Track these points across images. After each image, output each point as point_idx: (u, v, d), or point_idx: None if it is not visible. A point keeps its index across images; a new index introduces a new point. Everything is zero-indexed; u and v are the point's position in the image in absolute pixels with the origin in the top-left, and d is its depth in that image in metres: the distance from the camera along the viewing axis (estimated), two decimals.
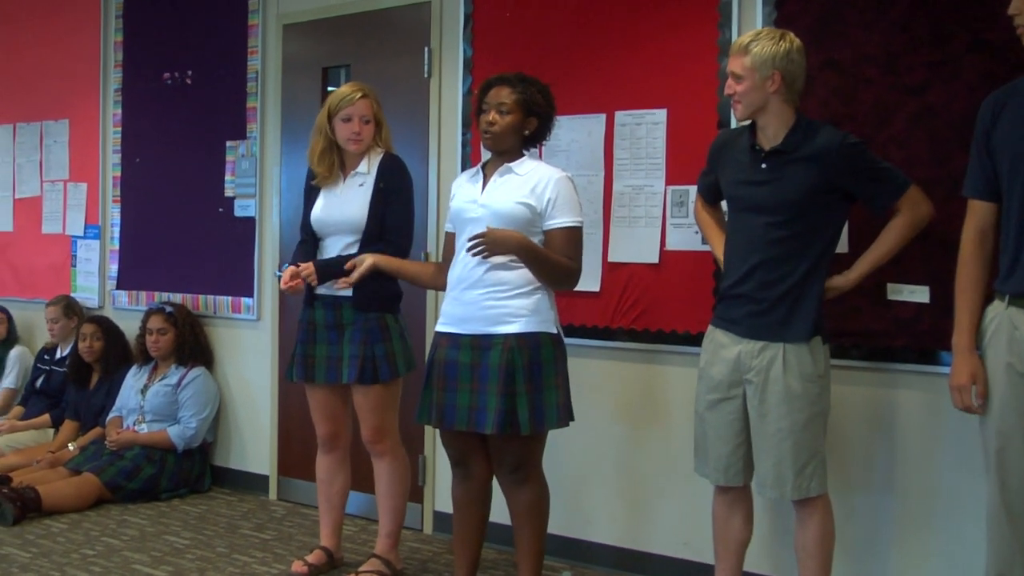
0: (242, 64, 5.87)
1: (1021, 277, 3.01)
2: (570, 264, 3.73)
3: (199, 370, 5.85)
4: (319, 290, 4.21)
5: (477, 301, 3.72)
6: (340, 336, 4.22)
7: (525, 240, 3.64)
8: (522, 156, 3.84)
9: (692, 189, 4.06)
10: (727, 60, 3.55)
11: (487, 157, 3.91)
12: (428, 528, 5.09)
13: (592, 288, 4.47)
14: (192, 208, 6.13)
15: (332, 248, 4.25)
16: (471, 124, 4.74)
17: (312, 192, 4.33)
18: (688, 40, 4.29)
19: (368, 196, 4.19)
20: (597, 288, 4.49)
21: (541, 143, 3.96)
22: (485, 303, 3.70)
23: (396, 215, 4.22)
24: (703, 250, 4.12)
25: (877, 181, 3.42)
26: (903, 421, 3.84)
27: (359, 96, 4.18)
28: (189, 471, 5.77)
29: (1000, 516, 3.02)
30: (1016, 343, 2.99)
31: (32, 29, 7.11)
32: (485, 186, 3.82)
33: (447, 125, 5.01)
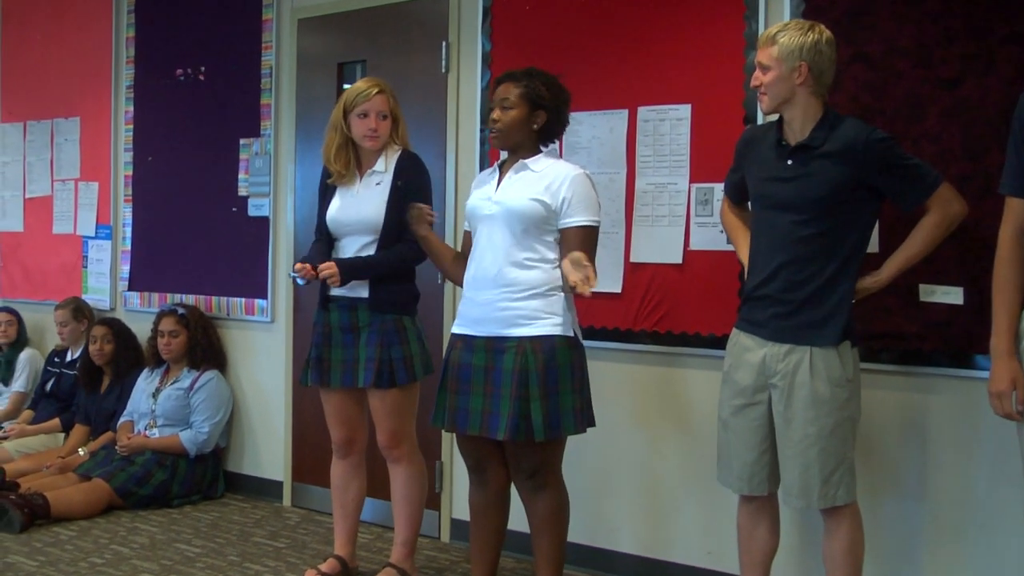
0: (256, 60, 5.79)
1: None
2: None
3: (212, 373, 5.77)
4: (334, 291, 4.13)
5: (491, 302, 3.66)
6: (356, 339, 4.14)
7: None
8: (538, 153, 3.76)
9: (717, 187, 3.99)
10: (753, 53, 3.48)
11: (506, 155, 3.84)
12: (445, 536, 5.02)
13: (614, 289, 4.39)
14: (205, 207, 6.06)
15: (348, 248, 4.16)
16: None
17: (327, 191, 4.24)
18: (713, 33, 4.19)
19: (385, 195, 4.11)
20: (619, 289, 4.40)
21: (559, 138, 3.88)
22: (499, 304, 3.64)
23: None
24: (728, 250, 4.02)
25: (906, 178, 3.30)
26: (936, 427, 3.75)
27: (376, 91, 4.10)
28: (201, 477, 5.70)
29: None
30: None
31: (42, 25, 7.03)
32: (500, 183, 3.74)
33: (465, 121, 4.94)
